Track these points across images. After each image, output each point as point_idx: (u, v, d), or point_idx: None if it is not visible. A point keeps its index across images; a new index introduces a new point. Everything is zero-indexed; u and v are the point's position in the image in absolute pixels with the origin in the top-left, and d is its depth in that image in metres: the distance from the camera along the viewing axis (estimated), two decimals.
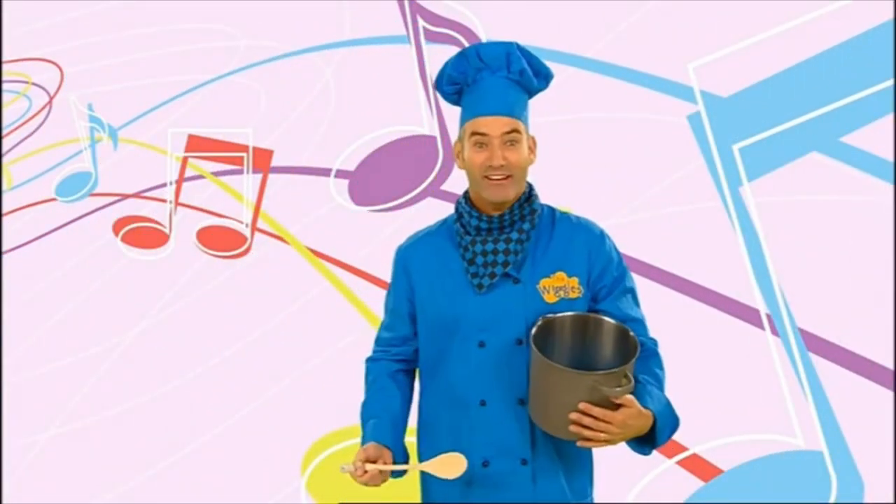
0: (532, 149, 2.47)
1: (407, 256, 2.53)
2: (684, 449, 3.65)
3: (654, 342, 2.49)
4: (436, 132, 4.34)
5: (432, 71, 4.33)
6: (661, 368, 2.45)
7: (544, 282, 2.43)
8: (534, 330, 2.34)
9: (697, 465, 3.62)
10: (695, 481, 3.62)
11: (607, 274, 2.48)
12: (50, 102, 5.17)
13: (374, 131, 4.43)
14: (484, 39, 4.13)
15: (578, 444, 2.26)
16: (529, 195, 2.48)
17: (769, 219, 3.67)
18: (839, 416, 3.51)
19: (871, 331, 3.55)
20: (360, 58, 4.50)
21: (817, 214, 3.65)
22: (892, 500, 3.49)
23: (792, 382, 3.56)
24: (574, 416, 2.23)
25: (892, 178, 3.56)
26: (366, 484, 2.38)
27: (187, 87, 4.81)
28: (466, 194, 2.50)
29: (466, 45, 4.26)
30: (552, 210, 2.53)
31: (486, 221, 2.44)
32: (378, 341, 2.61)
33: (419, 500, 2.58)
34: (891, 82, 3.54)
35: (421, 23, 4.37)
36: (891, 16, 3.57)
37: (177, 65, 4.85)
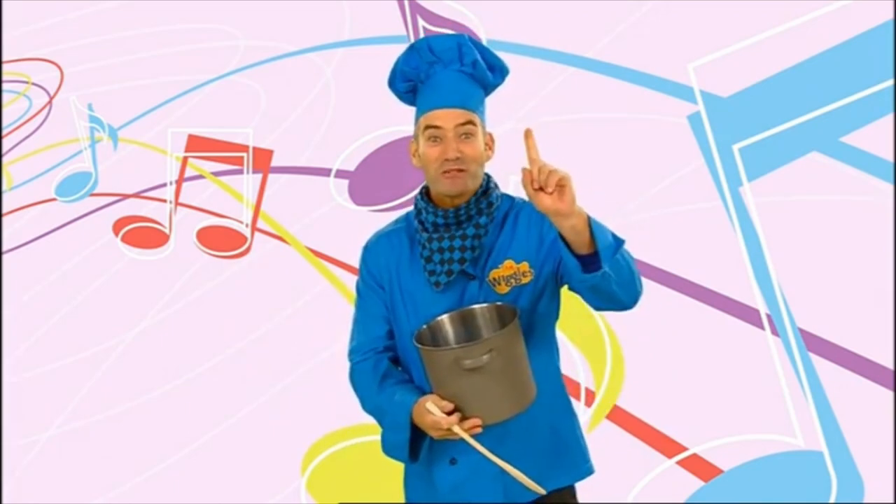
0: (490, 145, 2.44)
1: (373, 254, 2.49)
2: (684, 449, 3.65)
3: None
4: None
5: None
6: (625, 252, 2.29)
7: (493, 273, 2.39)
8: (416, 335, 2.33)
9: (697, 465, 3.62)
10: (695, 481, 3.62)
11: (546, 251, 2.41)
12: (50, 102, 5.17)
13: (374, 131, 4.43)
14: (484, 39, 4.13)
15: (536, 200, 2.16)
16: (487, 188, 2.43)
17: (769, 219, 3.67)
18: (839, 416, 3.52)
19: (871, 331, 3.55)
20: (360, 58, 4.50)
21: (817, 214, 3.65)
22: (892, 500, 3.49)
23: (792, 382, 3.56)
24: (526, 177, 2.16)
25: (892, 178, 3.56)
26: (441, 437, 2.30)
27: (187, 87, 4.81)
28: (424, 190, 2.46)
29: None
30: (511, 199, 2.46)
31: (443, 217, 2.39)
32: (355, 351, 2.51)
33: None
34: (891, 82, 3.54)
35: (421, 23, 4.37)
36: (891, 16, 3.57)
37: (177, 65, 4.85)
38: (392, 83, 2.47)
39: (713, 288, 3.73)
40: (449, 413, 2.26)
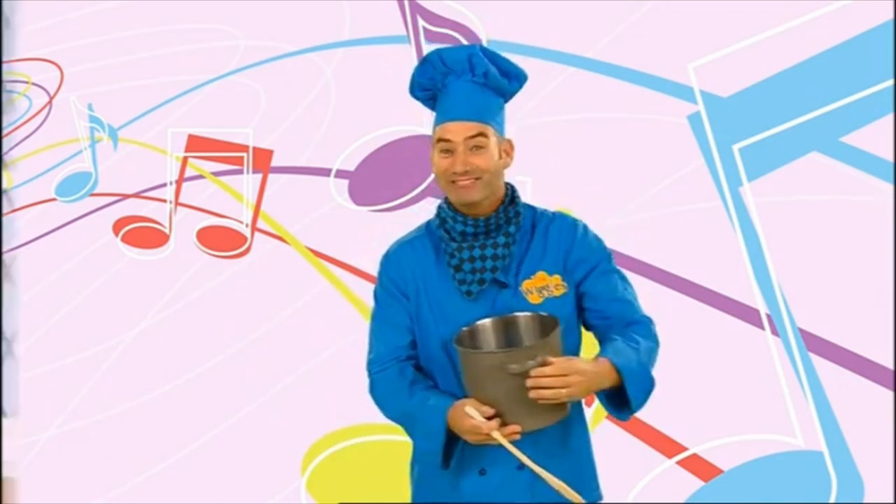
0: (508, 152, 2.43)
1: (395, 263, 2.47)
2: (684, 449, 3.65)
3: (648, 319, 2.46)
4: None
5: None
6: (647, 338, 2.41)
7: (526, 283, 2.41)
8: (456, 336, 2.33)
9: (697, 465, 3.62)
10: (695, 481, 3.62)
11: (587, 260, 2.45)
12: (50, 102, 5.17)
13: (374, 131, 4.43)
14: (484, 39, 4.13)
15: (538, 400, 2.22)
16: (513, 197, 2.46)
17: (769, 219, 3.67)
18: (839, 416, 3.51)
19: (871, 331, 3.55)
20: (360, 58, 4.50)
21: (817, 214, 3.65)
22: (892, 500, 3.49)
23: (792, 382, 3.56)
24: (531, 381, 2.21)
25: (892, 178, 3.56)
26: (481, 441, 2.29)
27: (187, 87, 4.81)
28: (445, 199, 2.47)
29: (466, 44, 4.26)
30: (533, 209, 2.49)
31: (472, 226, 2.40)
32: (375, 361, 2.48)
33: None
34: (891, 82, 3.54)
35: (421, 23, 4.37)
36: (891, 16, 3.57)
37: (177, 65, 4.85)
38: (412, 93, 2.48)
39: (713, 288, 3.73)
40: (489, 418, 2.26)
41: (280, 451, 4.26)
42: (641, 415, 3.55)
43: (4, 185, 4.63)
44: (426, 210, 4.36)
